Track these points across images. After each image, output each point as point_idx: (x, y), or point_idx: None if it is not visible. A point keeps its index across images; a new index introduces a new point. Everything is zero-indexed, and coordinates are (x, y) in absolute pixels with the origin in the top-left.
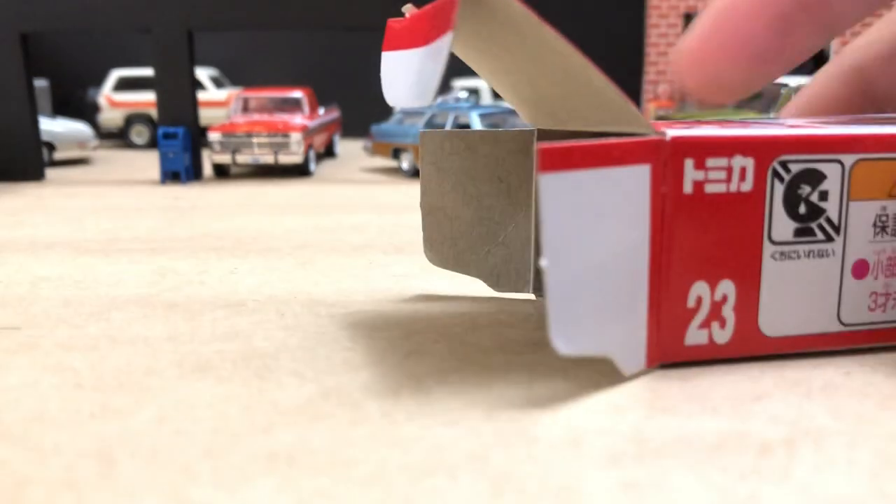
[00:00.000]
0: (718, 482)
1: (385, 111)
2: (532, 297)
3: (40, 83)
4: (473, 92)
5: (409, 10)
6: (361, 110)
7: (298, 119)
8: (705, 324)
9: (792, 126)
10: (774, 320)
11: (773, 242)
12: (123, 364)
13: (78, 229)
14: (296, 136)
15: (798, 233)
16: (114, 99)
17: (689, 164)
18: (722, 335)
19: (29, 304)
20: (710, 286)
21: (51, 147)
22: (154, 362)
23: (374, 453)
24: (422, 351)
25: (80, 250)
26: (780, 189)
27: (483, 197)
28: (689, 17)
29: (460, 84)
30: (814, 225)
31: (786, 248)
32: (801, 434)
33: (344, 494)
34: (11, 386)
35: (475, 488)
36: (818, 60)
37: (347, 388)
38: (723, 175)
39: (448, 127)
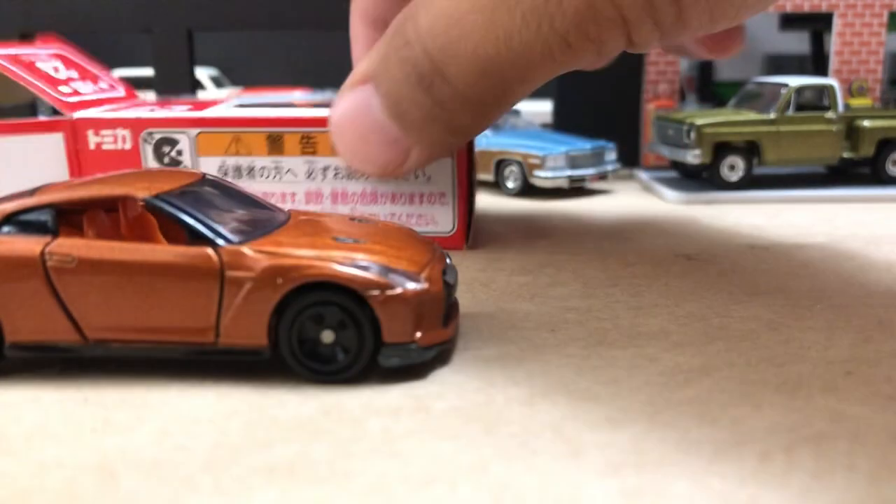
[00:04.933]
0: (718, 488)
1: None
2: None
3: None
4: None
5: None
6: None
7: None
8: None
9: (164, 109)
10: None
11: None
12: (124, 380)
13: None
14: None
15: None
16: None
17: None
18: None
19: None
20: None
21: None
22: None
23: (373, 466)
24: (422, 369)
25: None
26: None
27: None
28: None
29: None
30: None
31: None
32: (800, 440)
33: None
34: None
35: (475, 498)
36: (818, 61)
37: (348, 405)
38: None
39: None
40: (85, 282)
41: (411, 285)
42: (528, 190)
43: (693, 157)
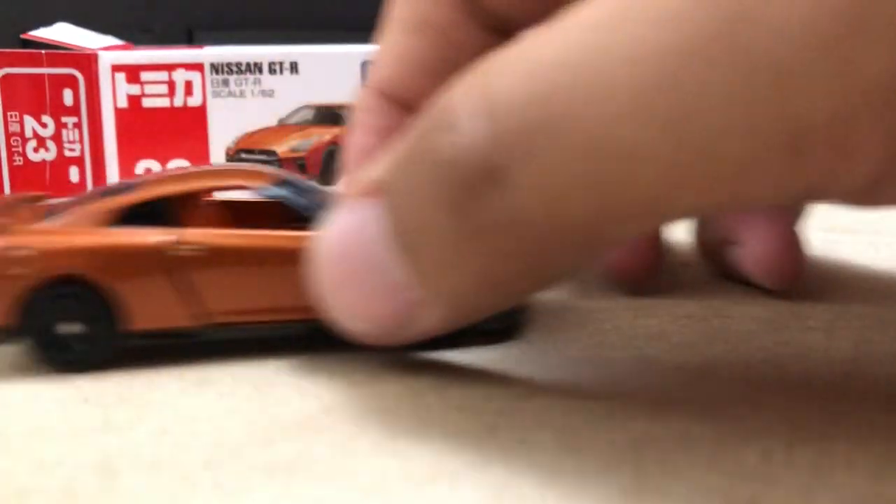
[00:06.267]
0: (719, 487)
1: None
2: None
3: None
4: None
5: None
6: None
7: None
8: None
9: None
10: None
11: None
12: (124, 378)
13: None
14: None
15: None
16: None
17: None
18: None
19: None
20: None
21: None
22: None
23: (374, 464)
24: (423, 366)
25: None
26: None
27: None
28: None
29: None
30: None
31: None
32: (800, 439)
33: (345, 502)
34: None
35: (476, 496)
36: None
37: (349, 404)
38: None
39: None
40: (211, 268)
41: None
42: None
43: None
